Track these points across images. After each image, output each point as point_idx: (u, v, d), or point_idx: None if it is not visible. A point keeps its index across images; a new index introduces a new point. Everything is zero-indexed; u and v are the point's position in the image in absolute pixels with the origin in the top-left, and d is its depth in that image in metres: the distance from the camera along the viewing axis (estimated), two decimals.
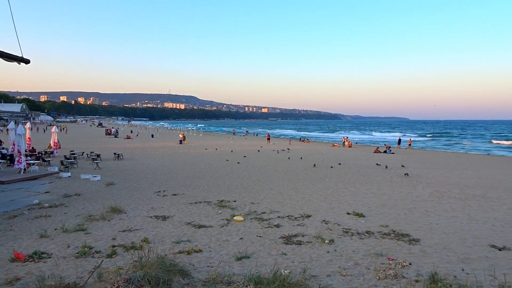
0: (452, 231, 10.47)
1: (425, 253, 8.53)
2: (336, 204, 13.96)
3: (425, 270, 7.17)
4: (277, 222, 11.26)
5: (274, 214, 12.38)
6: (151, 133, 74.86)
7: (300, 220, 11.55)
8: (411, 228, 10.66)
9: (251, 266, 7.54)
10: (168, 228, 10.69)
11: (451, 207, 13.59)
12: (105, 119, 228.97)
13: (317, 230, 10.41)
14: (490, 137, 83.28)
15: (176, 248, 8.65)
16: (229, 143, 51.81)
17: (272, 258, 8.13)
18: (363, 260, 7.98)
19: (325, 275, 7.12)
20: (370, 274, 7.16)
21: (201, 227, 10.72)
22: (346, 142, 51.96)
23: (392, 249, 8.81)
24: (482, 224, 11.31)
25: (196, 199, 14.79)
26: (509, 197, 15.57)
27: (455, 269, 7.43)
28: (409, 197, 15.48)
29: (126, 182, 18.73)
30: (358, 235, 9.93)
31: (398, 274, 7.03)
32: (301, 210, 12.98)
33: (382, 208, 13.40)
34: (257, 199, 14.77)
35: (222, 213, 12.44)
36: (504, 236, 9.97)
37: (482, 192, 16.66)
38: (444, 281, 6.34)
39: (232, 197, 15.11)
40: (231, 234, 10.13)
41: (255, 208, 13.18)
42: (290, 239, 9.54)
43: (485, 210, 13.13)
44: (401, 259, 7.94)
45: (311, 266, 7.59)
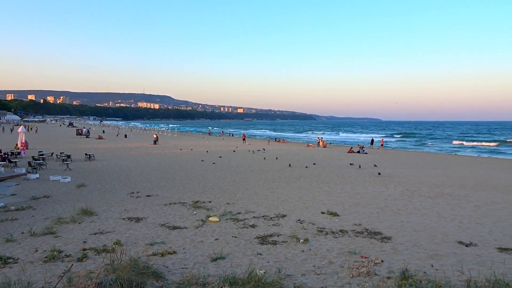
0: (422, 228, 10.79)
1: (396, 250, 8.76)
2: (311, 204, 14.11)
3: (397, 267, 7.35)
4: (253, 222, 11.27)
5: (250, 214, 12.38)
6: (125, 133, 73.32)
7: (275, 220, 11.61)
8: (383, 226, 10.91)
9: (226, 266, 7.51)
10: (142, 230, 10.50)
11: (421, 205, 14.01)
12: (75, 118, 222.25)
13: (292, 230, 10.49)
14: (457, 137, 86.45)
15: (149, 250, 8.50)
16: (204, 144, 51.47)
17: (247, 259, 8.13)
18: (337, 259, 8.10)
19: (300, 274, 7.18)
20: (344, 272, 7.27)
21: (175, 229, 10.59)
22: (321, 142, 52.65)
23: (365, 247, 8.99)
24: (450, 221, 11.72)
25: (170, 200, 14.60)
26: (475, 195, 16.21)
27: (425, 265, 7.66)
28: (381, 196, 15.85)
29: (98, 183, 18.26)
30: (332, 234, 10.07)
31: (370, 272, 7.18)
32: (276, 210, 13.05)
33: (355, 207, 13.66)
34: (233, 200, 14.74)
35: (197, 214, 12.33)
36: (471, 233, 10.37)
37: (450, 191, 17.27)
38: (414, 277, 6.52)
39: (207, 198, 15.01)
40: (206, 235, 10.06)
41: (230, 209, 13.14)
42: (266, 239, 9.57)
43: (453, 208, 13.62)
44: (374, 257, 8.12)
45: (286, 266, 7.64)
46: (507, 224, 11.42)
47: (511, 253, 8.64)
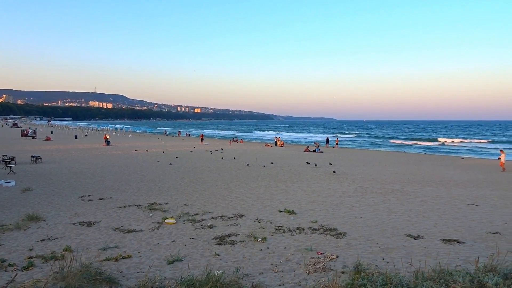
0: (374, 223, 11.25)
1: (350, 245, 9.06)
2: (268, 203, 14.24)
3: (351, 262, 7.61)
4: (211, 223, 11.18)
5: (207, 215, 12.28)
6: (75, 134, 69.90)
7: (234, 220, 11.60)
8: (338, 223, 11.25)
9: (183, 269, 7.40)
10: (94, 234, 10.07)
11: (373, 201, 14.61)
12: (20, 118, 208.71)
13: (250, 229, 10.53)
14: (402, 136, 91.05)
15: (102, 256, 8.17)
16: (160, 144, 50.30)
17: (205, 260, 8.06)
18: (294, 256, 8.24)
19: (258, 273, 7.23)
20: (301, 269, 7.42)
21: (130, 232, 10.26)
22: (278, 142, 53.33)
23: (321, 243, 9.23)
24: (400, 215, 12.33)
25: (125, 202, 14.12)
26: (422, 190, 17.17)
27: (377, 259, 8.00)
28: (336, 193, 16.34)
29: (45, 187, 17.25)
30: (290, 232, 10.23)
31: (326, 267, 7.38)
32: (235, 210, 13.04)
33: (312, 204, 13.97)
34: (190, 201, 14.54)
35: (153, 216, 12.03)
36: (418, 226, 10.97)
37: (399, 187, 18.15)
38: (367, 270, 6.77)
39: (164, 200, 14.69)
40: (163, 237, 9.84)
41: (187, 210, 12.95)
42: (224, 239, 9.53)
43: (402, 203, 14.32)
44: (329, 253, 8.35)
45: (244, 265, 7.66)
46: (451, 217, 12.21)
47: (454, 244, 9.24)
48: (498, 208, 13.66)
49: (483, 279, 4.42)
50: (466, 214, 12.56)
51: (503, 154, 27.33)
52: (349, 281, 5.25)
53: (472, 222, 11.50)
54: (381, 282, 4.73)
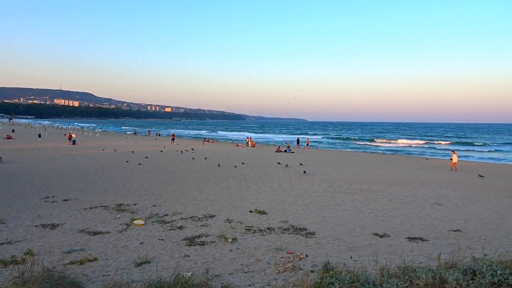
0: (342, 223, 11.48)
1: (319, 244, 9.20)
2: (239, 203, 14.23)
3: (320, 261, 7.72)
4: (180, 224, 11.04)
5: (177, 216, 12.12)
6: (38, 133, 67.10)
7: (204, 221, 11.50)
8: (308, 222, 11.40)
9: (151, 271, 7.26)
10: (58, 237, 9.70)
11: (342, 201, 14.91)
12: None
13: (221, 230, 10.48)
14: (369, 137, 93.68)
15: (66, 259, 7.88)
16: (129, 144, 49.19)
17: (174, 261, 7.94)
18: (264, 256, 8.27)
19: (228, 274, 7.20)
20: (271, 268, 7.45)
21: (96, 234, 9.96)
22: (250, 142, 53.43)
23: (291, 243, 9.31)
24: (367, 215, 12.64)
25: (91, 204, 13.69)
26: (389, 190, 17.69)
27: (345, 257, 8.17)
28: (306, 193, 16.54)
29: (5, 188, 16.45)
30: (260, 232, 10.26)
31: (296, 267, 7.45)
32: (205, 210, 12.94)
33: (282, 204, 14.07)
34: (160, 201, 14.29)
35: (120, 218, 11.73)
36: (385, 225, 11.29)
37: (367, 187, 18.62)
38: (335, 269, 6.89)
39: (132, 200, 14.37)
40: (131, 239, 9.62)
41: (157, 211, 12.73)
42: (193, 240, 9.44)
43: (369, 203, 14.70)
44: (299, 252, 8.44)
45: (214, 266, 7.61)
46: (415, 215, 12.64)
47: (418, 241, 9.58)
48: (459, 206, 14.27)
49: (444, 275, 4.59)
50: (430, 213, 13.05)
51: (454, 154, 28.90)
52: (318, 280, 5.32)
53: (435, 221, 11.95)
54: (349, 280, 4.82)
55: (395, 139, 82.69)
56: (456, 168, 27.57)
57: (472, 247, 8.92)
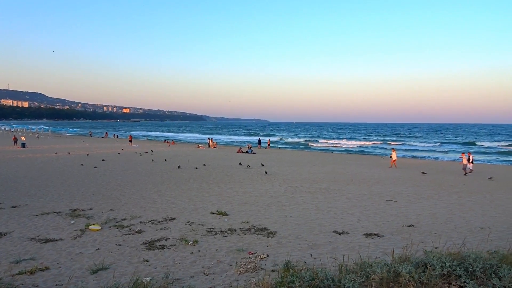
0: (303, 221, 11.67)
1: (280, 244, 9.30)
2: (200, 205, 14.07)
3: (281, 260, 7.79)
4: (139, 228, 10.73)
5: (136, 219, 11.77)
6: None
7: (164, 224, 11.26)
8: (269, 222, 11.48)
9: (108, 278, 6.99)
10: (5, 246, 9.09)
11: (302, 200, 15.16)
12: None
13: (181, 232, 10.31)
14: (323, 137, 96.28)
15: (15, 269, 7.42)
16: (84, 146, 47.19)
17: (132, 267, 7.70)
18: (225, 257, 8.23)
19: (189, 277, 7.09)
20: (232, 270, 7.42)
21: (48, 242, 9.45)
22: (211, 143, 53.04)
23: (253, 243, 9.34)
24: (327, 213, 12.94)
25: (42, 210, 12.97)
26: (347, 189, 18.23)
27: (305, 255, 8.30)
28: (268, 193, 16.67)
29: None
30: (222, 234, 10.20)
31: (257, 267, 7.48)
32: (165, 213, 12.67)
33: (244, 205, 14.08)
34: (117, 205, 13.81)
35: (75, 224, 11.21)
36: (343, 222, 11.61)
37: (326, 185, 19.07)
38: (296, 267, 6.98)
39: (88, 205, 13.77)
40: (86, 245, 9.21)
41: (114, 215, 12.29)
42: (153, 244, 9.21)
43: (329, 201, 15.06)
44: (260, 252, 8.48)
45: (175, 270, 7.46)
46: (372, 212, 13.11)
47: (374, 237, 9.94)
48: (412, 203, 14.98)
49: (398, 268, 4.78)
50: (385, 210, 13.58)
51: (394, 152, 30.47)
52: (278, 279, 5.36)
53: (390, 217, 12.46)
54: (309, 277, 4.89)
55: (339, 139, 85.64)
56: (395, 165, 29.09)
57: (424, 241, 9.37)
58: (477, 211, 13.54)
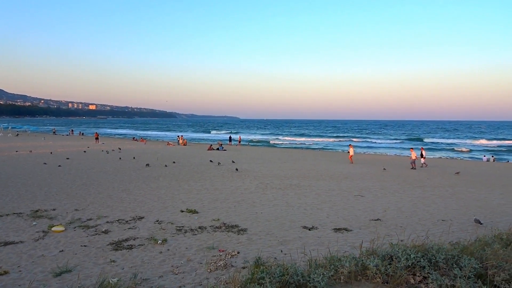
0: (273, 218, 11.73)
1: (251, 240, 9.30)
2: (170, 203, 13.84)
3: (251, 257, 7.79)
4: (106, 228, 10.42)
5: (102, 219, 11.42)
6: None
7: (132, 223, 10.99)
8: (240, 219, 11.46)
9: (73, 280, 6.74)
10: None
11: (273, 197, 15.24)
12: None
13: (150, 232, 10.10)
14: (294, 134, 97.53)
15: None
16: (47, 144, 45.31)
17: (99, 268, 7.46)
18: (195, 256, 8.13)
19: (158, 277, 6.95)
20: (202, 268, 7.35)
21: (7, 245, 8.99)
22: (181, 140, 52.34)
23: (223, 241, 9.28)
24: (297, 209, 13.07)
25: (1, 211, 12.32)
26: (317, 184, 18.49)
27: (276, 252, 8.34)
28: (238, 190, 16.63)
29: None
30: (192, 232, 10.08)
31: (227, 264, 7.43)
32: (133, 212, 12.37)
33: (214, 203, 13.98)
34: (82, 205, 13.35)
35: (37, 225, 10.74)
36: (313, 218, 11.77)
37: (297, 182, 19.27)
38: (266, 264, 7.00)
39: (51, 205, 13.23)
40: (49, 247, 8.84)
41: (79, 215, 11.87)
42: (120, 244, 8.96)
43: (299, 197, 15.22)
44: (231, 249, 8.44)
45: (143, 270, 7.29)
46: (340, 207, 13.37)
47: (343, 232, 10.13)
48: (379, 197, 15.40)
49: (366, 261, 4.89)
50: (353, 205, 13.89)
51: (351, 148, 31.42)
52: (249, 276, 5.34)
53: (358, 211, 12.75)
54: (279, 273, 4.90)
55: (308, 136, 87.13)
56: (351, 161, 29.94)
57: (390, 234, 9.64)
58: (440, 204, 14.10)
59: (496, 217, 12.01)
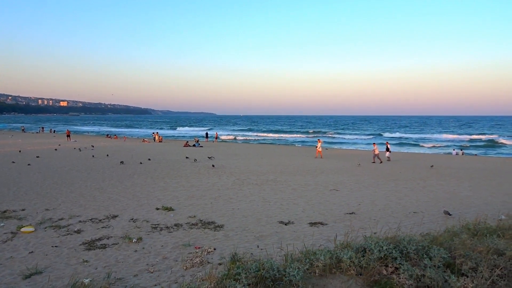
0: (250, 213, 11.75)
1: (227, 237, 9.28)
2: (145, 201, 13.63)
3: (228, 253, 7.76)
4: (78, 228, 10.15)
5: (75, 219, 11.11)
6: None
7: (106, 222, 10.75)
8: (216, 216, 11.41)
9: (43, 282, 6.54)
10: None
11: (249, 192, 15.26)
12: None
13: (124, 230, 9.91)
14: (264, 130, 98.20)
15: None
16: (16, 142, 43.66)
17: (71, 269, 7.26)
18: (171, 253, 8.04)
19: (132, 275, 6.83)
20: (178, 265, 7.27)
21: None
22: (157, 137, 51.60)
23: (199, 237, 9.22)
24: (273, 204, 13.15)
25: None
26: (293, 180, 18.65)
27: (252, 247, 8.36)
28: (215, 186, 16.56)
29: None
30: (167, 229, 9.96)
31: (204, 261, 7.39)
32: (107, 211, 12.10)
33: (190, 199, 13.86)
34: (53, 205, 12.95)
35: (5, 226, 10.33)
36: (289, 213, 11.86)
37: (273, 177, 19.37)
38: (242, 259, 7.01)
39: (20, 206, 12.76)
40: (18, 249, 8.53)
41: (50, 215, 11.51)
42: (93, 244, 8.75)
43: (275, 193, 15.30)
44: (207, 246, 8.39)
45: (117, 269, 7.15)
46: (316, 202, 13.54)
47: (319, 226, 10.26)
48: (354, 191, 15.69)
49: (340, 254, 4.97)
50: (329, 199, 14.09)
51: (319, 143, 32.11)
52: (225, 272, 5.33)
53: (333, 205, 12.95)
54: (255, 268, 4.91)
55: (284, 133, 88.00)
56: (321, 155, 30.45)
57: (364, 227, 9.85)
58: (412, 197, 14.51)
59: (464, 208, 12.46)
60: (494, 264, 4.56)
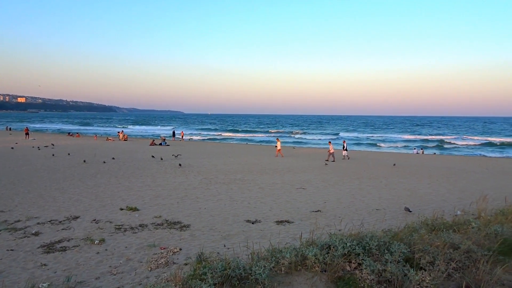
0: (217, 213, 11.68)
1: (194, 236, 9.18)
2: (108, 201, 13.23)
3: (194, 252, 7.68)
4: (36, 230, 9.69)
5: (32, 221, 10.61)
6: None
7: (66, 224, 10.34)
8: (182, 215, 11.26)
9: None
10: None
11: (217, 191, 15.17)
12: None
13: (86, 232, 9.57)
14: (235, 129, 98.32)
15: None
16: None
17: (27, 273, 6.92)
18: (135, 255, 7.85)
19: (94, 278, 6.61)
20: (143, 267, 7.11)
21: None
22: (121, 135, 50.22)
23: (165, 238, 9.06)
24: (241, 203, 13.14)
25: None
26: (260, 178, 18.73)
27: (219, 246, 8.32)
28: (181, 186, 16.33)
29: None
30: (132, 230, 9.72)
31: (169, 261, 7.27)
32: (67, 212, 11.64)
33: (156, 199, 13.60)
34: (9, 206, 12.29)
35: None
36: (256, 211, 11.90)
37: (241, 176, 19.36)
38: (209, 259, 6.95)
39: None
40: None
41: (5, 217, 10.92)
42: (53, 247, 8.39)
43: (243, 191, 15.30)
44: (173, 246, 8.26)
45: (78, 272, 6.89)
46: (283, 200, 13.67)
47: (285, 224, 10.36)
48: (320, 189, 15.97)
49: (305, 252, 5.03)
50: (296, 197, 14.26)
51: (278, 142, 32.62)
52: (191, 272, 5.26)
53: (300, 204, 13.12)
54: (221, 268, 4.88)
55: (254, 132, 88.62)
56: (281, 154, 30.83)
57: (329, 225, 10.04)
58: (375, 195, 14.96)
59: (423, 205, 13.00)
60: (450, 258, 4.78)
